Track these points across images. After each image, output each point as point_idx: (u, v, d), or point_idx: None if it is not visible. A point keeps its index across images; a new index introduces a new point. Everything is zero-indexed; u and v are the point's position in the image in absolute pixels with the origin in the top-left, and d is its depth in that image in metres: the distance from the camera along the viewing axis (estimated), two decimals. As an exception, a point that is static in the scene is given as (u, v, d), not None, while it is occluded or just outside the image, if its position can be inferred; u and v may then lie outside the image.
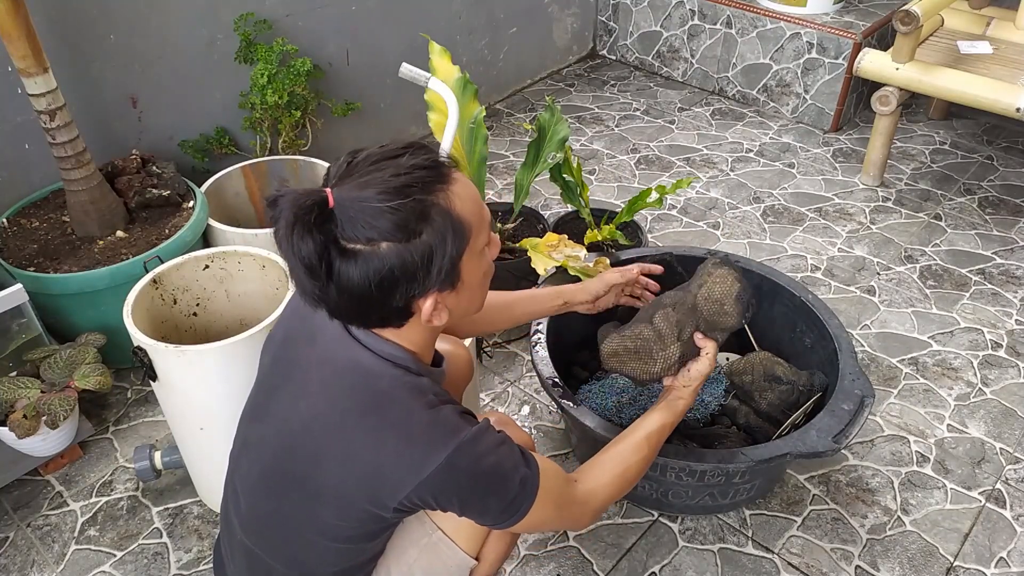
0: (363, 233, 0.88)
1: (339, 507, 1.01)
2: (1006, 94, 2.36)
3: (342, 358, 1.01)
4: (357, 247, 0.88)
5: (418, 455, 0.95)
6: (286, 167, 2.29)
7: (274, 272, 1.70)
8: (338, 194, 0.88)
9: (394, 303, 0.93)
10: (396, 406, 0.98)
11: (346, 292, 0.90)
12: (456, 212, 0.92)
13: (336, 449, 0.98)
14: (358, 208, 0.87)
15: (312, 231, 0.86)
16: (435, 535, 1.16)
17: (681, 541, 1.68)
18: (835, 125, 3.13)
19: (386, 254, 0.89)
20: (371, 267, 0.89)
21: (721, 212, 2.69)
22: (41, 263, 1.88)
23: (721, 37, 3.27)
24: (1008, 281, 2.39)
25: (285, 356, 1.09)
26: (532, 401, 2.00)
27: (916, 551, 1.66)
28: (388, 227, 0.88)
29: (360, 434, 0.97)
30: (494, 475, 0.99)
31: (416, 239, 0.89)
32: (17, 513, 1.73)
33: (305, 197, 0.86)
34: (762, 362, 1.75)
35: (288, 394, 1.06)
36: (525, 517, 1.03)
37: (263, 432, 1.09)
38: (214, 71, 2.32)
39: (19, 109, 1.96)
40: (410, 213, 0.88)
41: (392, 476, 0.96)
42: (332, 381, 1.01)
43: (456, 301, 1.00)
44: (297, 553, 1.08)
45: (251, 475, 1.11)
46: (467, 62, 3.11)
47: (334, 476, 0.99)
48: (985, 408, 1.98)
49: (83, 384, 1.69)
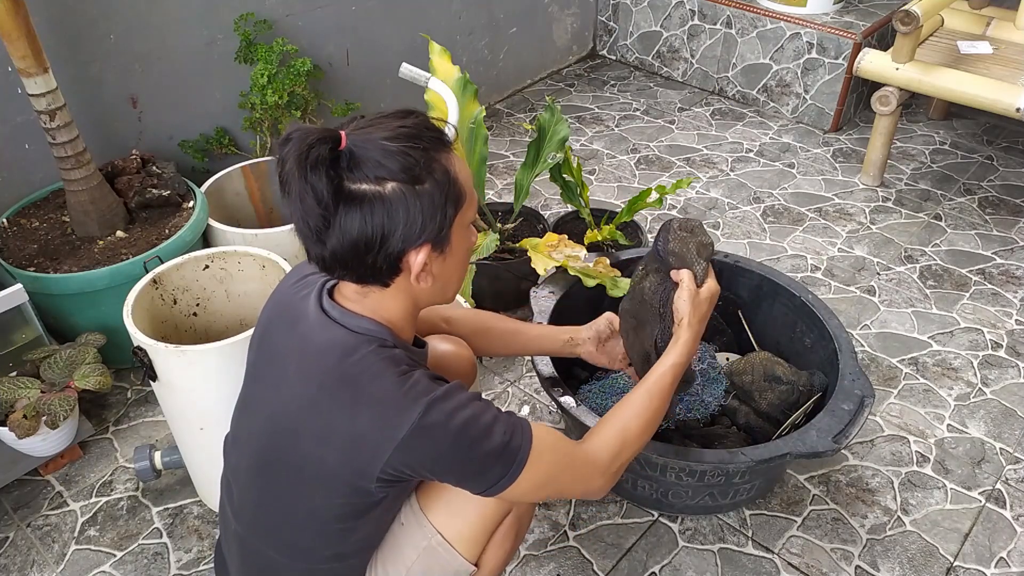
0: (372, 171, 0.91)
1: (324, 484, 1.01)
2: (1006, 94, 2.36)
3: (319, 341, 1.02)
4: (363, 187, 0.91)
5: (392, 419, 0.96)
6: (286, 167, 2.29)
7: (274, 272, 1.70)
8: (349, 135, 0.92)
9: (389, 249, 0.94)
10: (368, 377, 0.98)
11: (347, 233, 0.92)
12: (455, 174, 0.97)
13: (315, 427, 1.00)
14: (368, 147, 0.91)
15: (325, 165, 0.89)
16: (434, 539, 1.15)
17: (681, 541, 1.68)
18: (835, 125, 3.13)
19: (391, 195, 0.92)
20: (375, 207, 0.91)
21: (721, 212, 2.69)
22: (41, 263, 1.88)
23: (721, 37, 3.27)
24: (1008, 281, 2.39)
25: (266, 346, 1.11)
26: (532, 401, 2.00)
27: (916, 551, 1.66)
28: (396, 168, 0.91)
29: (336, 409, 0.98)
30: (472, 428, 0.98)
31: (420, 185, 0.93)
32: (17, 513, 1.73)
33: (318, 134, 0.90)
34: (762, 362, 1.75)
35: (270, 383, 1.07)
36: (522, 475, 1.01)
37: (250, 423, 1.11)
38: (214, 71, 2.32)
39: (19, 109, 1.96)
40: (418, 159, 0.92)
41: (370, 444, 0.97)
42: (309, 364, 1.02)
43: (441, 268, 1.01)
44: (288, 537, 1.09)
45: (240, 466, 1.12)
46: (467, 62, 3.11)
47: (315, 454, 1.00)
48: (985, 408, 1.98)
49: (83, 384, 1.69)
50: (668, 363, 1.26)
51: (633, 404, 1.21)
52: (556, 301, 1.80)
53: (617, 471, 1.15)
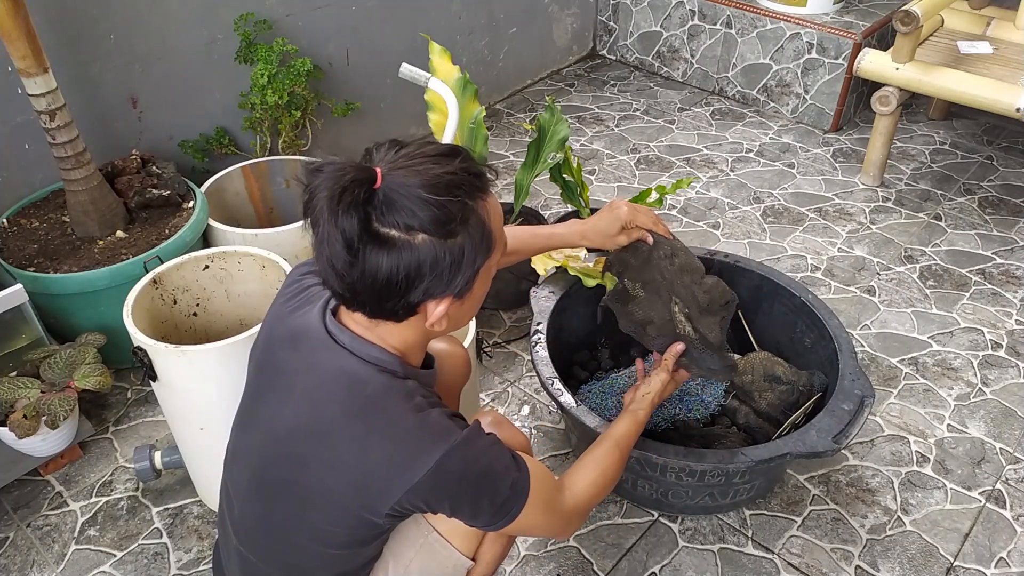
0: (403, 220, 0.87)
1: (330, 513, 1.00)
2: (1006, 94, 2.36)
3: (327, 365, 0.99)
4: (392, 233, 0.87)
5: (407, 460, 0.94)
6: (286, 167, 2.29)
7: (274, 272, 1.70)
8: (386, 176, 0.88)
9: (411, 298, 0.92)
10: (382, 411, 0.96)
11: (370, 276, 0.89)
12: (489, 224, 0.94)
13: (324, 456, 0.97)
14: (404, 194, 0.87)
15: (357, 206, 0.85)
16: (431, 536, 1.16)
17: (681, 541, 1.68)
18: (835, 125, 3.13)
19: (420, 247, 0.88)
20: (402, 257, 0.88)
21: (721, 212, 2.69)
22: (41, 263, 1.88)
23: (721, 37, 3.27)
24: (1008, 281, 2.39)
25: (269, 362, 1.08)
26: (532, 401, 2.00)
27: (916, 551, 1.66)
28: (429, 220, 0.87)
29: (347, 441, 0.96)
30: (485, 478, 0.99)
31: (452, 239, 0.90)
32: (17, 513, 1.73)
33: (353, 171, 0.86)
34: (762, 362, 1.75)
35: (273, 401, 1.05)
36: (515, 520, 1.03)
37: (250, 440, 1.09)
38: (214, 71, 2.32)
39: (19, 109, 1.96)
40: (453, 212, 0.89)
41: (381, 482, 0.95)
42: (317, 388, 0.99)
43: (458, 312, 0.99)
44: (290, 559, 1.08)
45: (241, 482, 1.10)
46: (467, 62, 3.11)
47: (323, 483, 0.98)
48: (985, 408, 1.98)
49: (83, 384, 1.69)
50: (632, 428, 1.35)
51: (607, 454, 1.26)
52: (556, 301, 1.79)
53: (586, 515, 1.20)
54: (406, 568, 1.15)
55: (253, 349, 1.14)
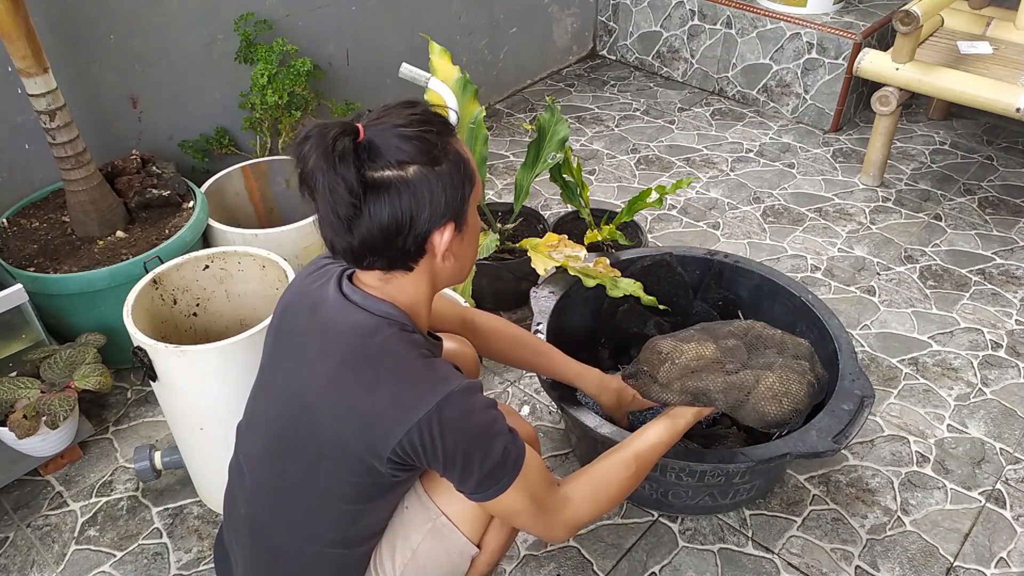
0: (393, 157, 0.94)
1: (339, 460, 1.03)
2: (1006, 94, 2.36)
3: (341, 323, 1.04)
4: (387, 174, 0.94)
5: (411, 398, 0.98)
6: (286, 167, 2.29)
7: (274, 272, 1.70)
8: (366, 127, 0.96)
9: (417, 230, 0.98)
10: (390, 357, 1.01)
11: (377, 220, 0.95)
12: (464, 154, 1.02)
13: (334, 403, 1.02)
14: (386, 136, 0.95)
15: (349, 153, 0.92)
16: (439, 520, 1.18)
17: (681, 541, 1.68)
18: (835, 125, 3.13)
19: (414, 178, 0.95)
20: (401, 192, 0.95)
21: (721, 212, 2.69)
22: (41, 263, 1.88)
23: (721, 37, 3.27)
24: (1008, 281, 2.39)
25: (284, 328, 1.13)
26: (532, 401, 2.00)
27: (916, 551, 1.66)
28: (415, 151, 0.95)
29: (356, 387, 1.00)
30: (481, 433, 1.01)
31: (439, 166, 0.97)
32: (17, 513, 1.73)
33: (338, 127, 0.93)
34: None
35: (288, 363, 1.09)
36: (503, 494, 1.04)
37: (266, 405, 1.13)
38: (214, 71, 2.32)
39: (19, 109, 1.96)
40: (434, 141, 0.97)
41: (386, 421, 0.99)
42: (331, 345, 1.04)
43: (460, 248, 1.06)
44: (300, 518, 1.10)
45: (256, 447, 1.13)
46: (467, 62, 3.11)
47: (333, 429, 1.02)
48: (985, 408, 1.98)
49: (83, 384, 1.69)
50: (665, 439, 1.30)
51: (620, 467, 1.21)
52: (556, 301, 1.80)
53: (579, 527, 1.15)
54: (413, 552, 1.17)
55: (270, 324, 1.18)
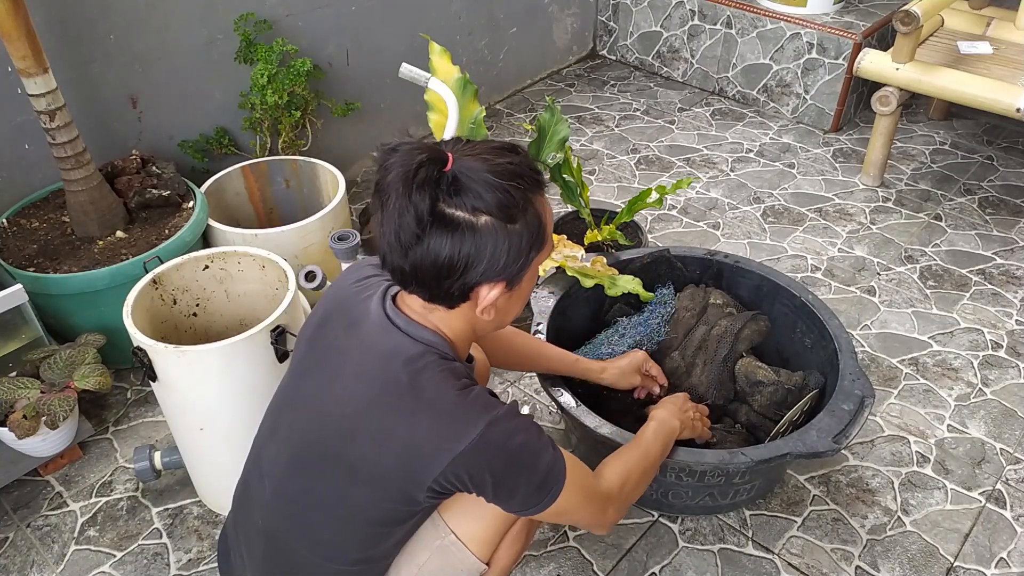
0: (471, 202, 0.93)
1: (374, 487, 1.02)
2: (1006, 94, 2.36)
3: (382, 345, 1.03)
4: (458, 214, 0.93)
5: (453, 430, 0.98)
6: (286, 167, 2.29)
7: (274, 272, 1.70)
8: (456, 160, 0.94)
9: (468, 279, 0.97)
10: (430, 387, 1.00)
11: (433, 253, 0.94)
12: (544, 219, 1.00)
13: (372, 429, 1.01)
14: (472, 177, 0.93)
15: (430, 183, 0.91)
16: (448, 538, 1.16)
17: (681, 541, 1.68)
18: (835, 125, 3.13)
19: (483, 228, 0.94)
20: (465, 237, 0.93)
21: (721, 212, 2.69)
22: (41, 263, 1.88)
23: (721, 37, 3.27)
24: (1008, 281, 2.39)
25: (321, 340, 1.11)
26: (532, 401, 2.00)
27: (916, 551, 1.66)
28: (494, 203, 0.93)
29: (395, 414, 0.99)
30: (525, 452, 1.02)
31: (512, 224, 0.95)
32: (17, 513, 1.73)
33: (427, 152, 0.92)
34: (743, 369, 1.75)
35: (322, 377, 1.08)
36: (555, 502, 1.05)
37: (295, 417, 1.11)
38: (214, 71, 2.32)
39: (19, 109, 1.96)
40: (516, 199, 0.95)
41: (427, 453, 0.98)
42: (369, 366, 1.03)
43: (505, 304, 1.05)
44: (323, 535, 1.09)
45: (280, 459, 1.12)
46: (467, 62, 3.11)
47: (370, 455, 1.01)
48: (985, 408, 1.98)
49: (83, 384, 1.69)
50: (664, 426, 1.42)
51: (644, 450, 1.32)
52: (556, 301, 1.80)
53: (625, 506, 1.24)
54: (419, 569, 1.16)
55: (303, 329, 1.16)
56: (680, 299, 1.89)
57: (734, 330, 1.77)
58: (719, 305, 1.86)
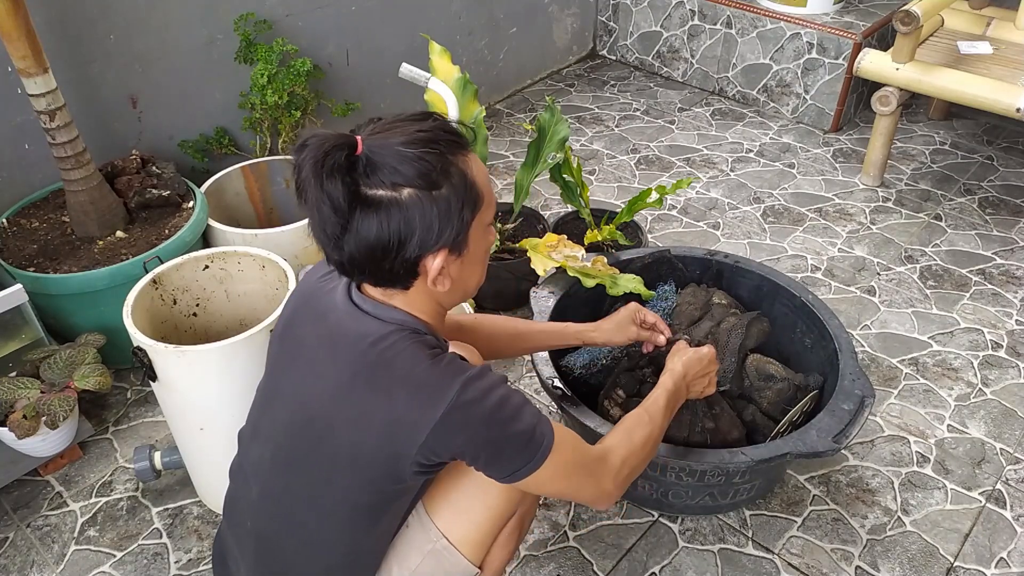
0: (388, 177, 0.91)
1: (357, 470, 1.02)
2: (1006, 94, 2.36)
3: (351, 331, 1.02)
4: (379, 193, 0.92)
5: (429, 397, 0.97)
6: (286, 167, 2.29)
7: (274, 272, 1.70)
8: (365, 140, 0.93)
9: (406, 254, 0.95)
10: (400, 360, 0.99)
11: (364, 238, 0.93)
12: (472, 176, 0.97)
13: (350, 413, 1.00)
14: (384, 153, 0.92)
15: (340, 169, 0.90)
16: (439, 543, 1.16)
17: (681, 541, 1.68)
18: (835, 125, 3.13)
19: (407, 201, 0.92)
20: (391, 213, 0.92)
21: (721, 212, 2.69)
22: (41, 263, 1.88)
23: (721, 37, 3.27)
24: (1008, 281, 2.39)
25: (291, 336, 1.11)
26: (532, 401, 2.00)
27: (916, 551, 1.66)
28: (412, 174, 0.92)
29: (371, 394, 0.99)
30: (506, 406, 1.00)
31: (436, 191, 0.93)
32: (17, 513, 1.73)
33: (334, 140, 0.91)
34: (755, 363, 1.75)
35: (297, 373, 1.07)
36: (545, 463, 1.02)
37: (274, 415, 1.10)
38: (214, 71, 2.32)
39: (19, 109, 1.96)
40: (434, 164, 0.93)
41: (407, 424, 0.97)
42: (341, 353, 1.02)
43: (459, 271, 1.02)
44: (309, 530, 1.08)
45: (264, 459, 1.11)
46: (467, 62, 3.11)
47: (349, 439, 1.00)
48: (985, 408, 1.98)
49: (83, 384, 1.69)
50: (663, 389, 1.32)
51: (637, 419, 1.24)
52: (556, 301, 1.80)
53: (625, 478, 1.16)
54: (412, 573, 1.15)
55: (273, 335, 1.16)
56: (682, 295, 1.89)
57: (743, 324, 1.76)
58: (724, 305, 1.86)
